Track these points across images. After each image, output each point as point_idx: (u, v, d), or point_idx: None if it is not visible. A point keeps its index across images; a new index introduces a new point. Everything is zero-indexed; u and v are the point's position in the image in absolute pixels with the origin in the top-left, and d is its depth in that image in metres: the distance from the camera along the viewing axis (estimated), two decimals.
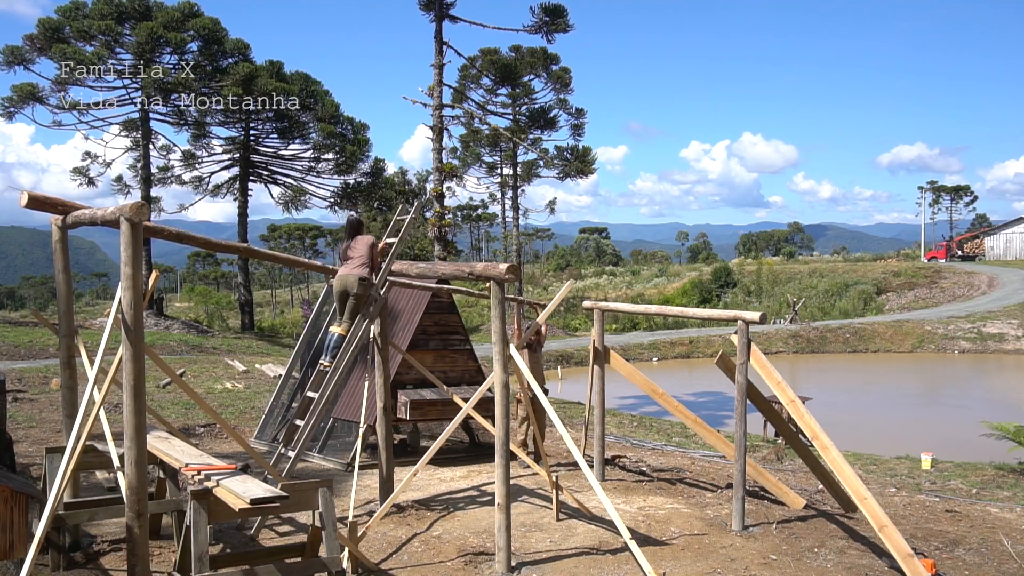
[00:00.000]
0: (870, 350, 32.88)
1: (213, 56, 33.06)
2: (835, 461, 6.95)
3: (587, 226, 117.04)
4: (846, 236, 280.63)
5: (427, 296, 10.55)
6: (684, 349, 32.23)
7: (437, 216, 20.47)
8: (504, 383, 6.32)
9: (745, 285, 50.07)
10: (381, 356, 7.88)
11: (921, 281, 46.88)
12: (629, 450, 11.85)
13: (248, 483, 5.17)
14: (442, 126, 20.60)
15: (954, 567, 6.62)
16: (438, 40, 20.54)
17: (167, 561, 6.29)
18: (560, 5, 22.82)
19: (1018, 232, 61.42)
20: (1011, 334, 32.43)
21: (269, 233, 76.61)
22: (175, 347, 24.64)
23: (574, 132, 41.23)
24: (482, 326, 38.14)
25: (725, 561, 6.57)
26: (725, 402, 19.33)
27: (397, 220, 8.22)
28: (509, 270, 6.19)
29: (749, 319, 7.59)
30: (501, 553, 6.24)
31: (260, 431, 11.55)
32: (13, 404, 13.17)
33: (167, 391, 15.56)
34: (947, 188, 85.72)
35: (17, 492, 5.49)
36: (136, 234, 5.09)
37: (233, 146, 36.23)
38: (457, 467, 10.04)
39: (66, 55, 29.15)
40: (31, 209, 5.96)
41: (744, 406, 7.69)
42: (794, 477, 10.17)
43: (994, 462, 11.68)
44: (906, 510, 8.58)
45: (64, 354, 6.49)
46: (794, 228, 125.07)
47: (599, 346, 9.33)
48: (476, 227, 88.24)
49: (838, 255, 77.46)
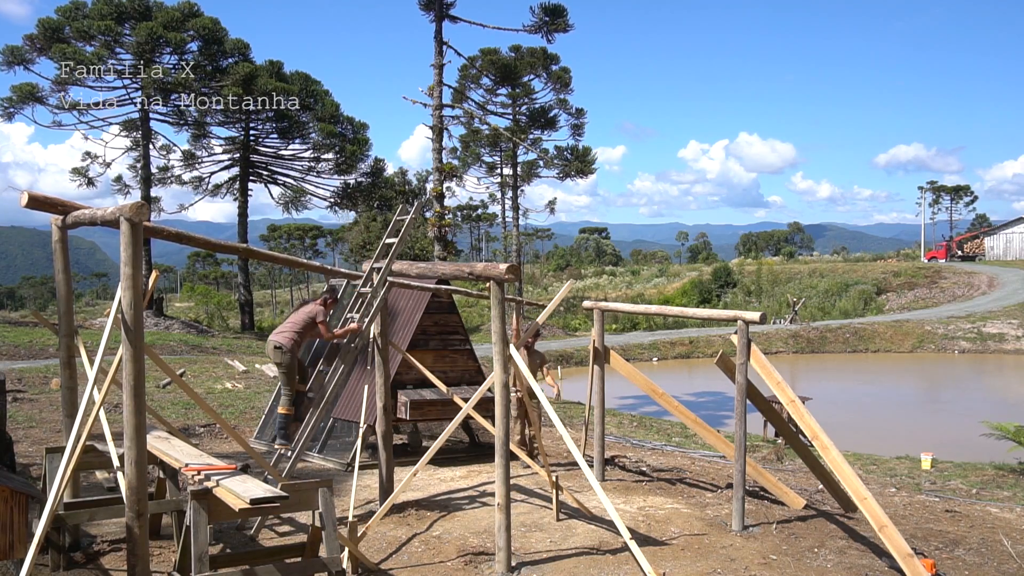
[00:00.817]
0: (870, 350, 32.88)
1: (213, 56, 33.06)
2: (835, 461, 6.95)
3: (587, 226, 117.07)
4: (846, 236, 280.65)
5: (427, 296, 10.55)
6: (684, 349, 32.23)
7: (437, 216, 20.47)
8: (504, 383, 6.32)
9: (745, 285, 50.07)
10: (381, 356, 7.88)
11: (921, 281, 46.89)
12: (629, 450, 11.85)
13: (248, 483, 5.17)
14: (442, 126, 20.60)
15: (954, 567, 6.62)
16: (438, 40, 20.55)
17: (167, 561, 6.29)
18: (560, 5, 22.84)
19: (1018, 232, 61.42)
20: (1011, 334, 32.44)
21: (269, 233, 76.61)
22: (175, 347, 24.64)
23: (574, 132, 41.24)
24: (482, 326, 38.14)
25: (725, 561, 6.57)
26: (725, 402, 19.32)
27: (397, 220, 8.23)
28: (509, 270, 6.19)
29: (749, 319, 7.59)
30: (501, 553, 6.24)
31: (260, 431, 11.55)
32: (13, 404, 13.16)
33: (167, 391, 15.56)
34: (947, 188, 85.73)
35: (17, 492, 5.48)
36: (136, 234, 5.09)
37: (233, 146, 36.22)
38: (457, 467, 10.04)
39: (66, 55, 29.16)
40: (31, 209, 5.96)
41: (744, 406, 7.69)
42: (794, 477, 10.17)
43: (994, 462, 11.69)
44: (906, 510, 8.58)
45: (64, 354, 6.49)
46: (794, 228, 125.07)
47: (599, 346, 9.33)
48: (476, 227, 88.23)
49: (838, 255, 77.48)
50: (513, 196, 42.66)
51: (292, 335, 7.81)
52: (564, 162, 41.85)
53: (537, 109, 40.46)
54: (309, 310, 7.96)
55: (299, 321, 7.88)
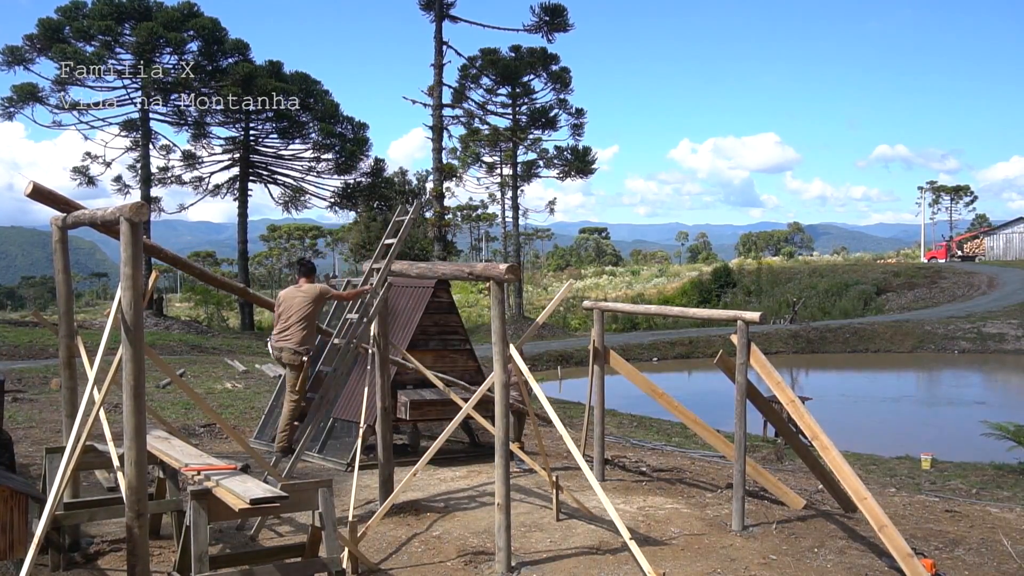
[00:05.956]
0: (870, 350, 32.87)
1: (213, 56, 33.07)
2: (835, 461, 6.95)
3: (587, 226, 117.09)
4: (845, 236, 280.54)
5: (427, 296, 10.55)
6: (684, 349, 32.22)
7: (437, 216, 20.49)
8: (504, 383, 6.32)
9: (745, 285, 50.04)
10: (381, 356, 7.88)
11: (921, 281, 46.86)
12: (629, 450, 11.85)
13: (248, 483, 5.17)
14: (442, 126, 20.64)
15: (954, 567, 6.62)
16: (438, 40, 20.58)
17: (167, 561, 6.28)
18: (560, 5, 22.88)
19: (1018, 232, 61.41)
20: (1011, 334, 32.42)
21: (269, 233, 76.63)
22: (175, 347, 24.64)
23: (574, 132, 41.28)
24: (482, 326, 38.14)
25: (725, 561, 6.57)
26: (725, 402, 19.28)
27: (396, 220, 8.23)
28: (509, 270, 6.19)
29: (749, 319, 7.59)
30: (501, 553, 6.24)
31: (260, 431, 11.55)
32: (13, 404, 13.16)
33: (167, 391, 15.56)
34: (947, 188, 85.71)
35: (17, 492, 5.49)
36: (136, 234, 5.09)
37: (233, 146, 36.21)
38: (457, 467, 10.04)
39: (66, 55, 29.16)
40: (33, 199, 5.96)
41: (744, 406, 7.69)
42: (794, 477, 10.17)
43: (994, 462, 11.69)
44: (906, 510, 8.58)
45: (64, 354, 6.49)
46: (794, 228, 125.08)
47: (599, 346, 9.33)
48: (476, 227, 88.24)
49: (838, 255, 77.47)
50: (513, 196, 42.67)
51: (301, 334, 7.69)
52: (564, 162, 41.87)
53: (537, 109, 40.48)
54: (307, 295, 7.83)
55: (302, 310, 7.74)
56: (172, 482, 6.52)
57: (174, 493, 6.52)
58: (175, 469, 6.00)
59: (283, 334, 7.79)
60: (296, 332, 7.72)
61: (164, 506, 6.49)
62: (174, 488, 6.52)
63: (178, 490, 6.49)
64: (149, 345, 5.60)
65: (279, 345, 7.76)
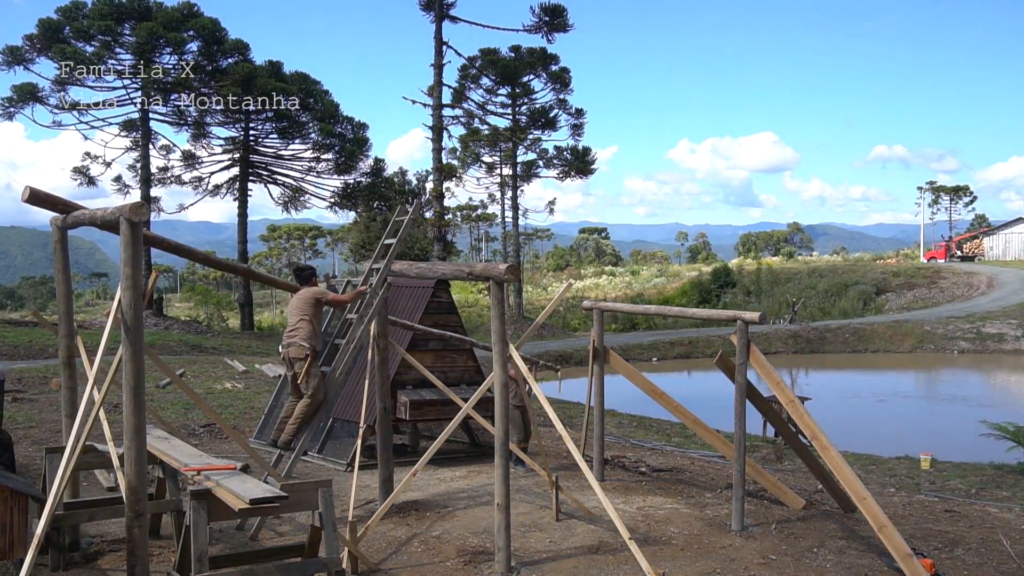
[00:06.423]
0: (870, 350, 32.88)
1: (213, 56, 33.05)
2: (834, 461, 6.95)
3: (586, 226, 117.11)
4: (845, 236, 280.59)
5: (427, 297, 10.55)
6: (684, 349, 32.23)
7: (436, 216, 20.49)
8: (504, 383, 6.32)
9: (745, 285, 50.04)
10: (381, 356, 7.88)
11: (920, 281, 46.86)
12: (629, 450, 11.86)
13: (248, 483, 5.18)
14: (442, 126, 20.63)
15: (953, 567, 6.63)
16: (438, 40, 20.58)
17: (167, 561, 6.29)
18: (560, 5, 22.88)
19: (1017, 232, 61.42)
20: (1010, 334, 32.42)
21: (269, 233, 76.62)
22: (175, 347, 24.64)
23: (573, 132, 41.27)
24: (481, 326, 38.14)
25: (725, 561, 6.57)
26: (725, 402, 19.29)
27: (396, 220, 8.23)
28: (508, 270, 6.19)
29: (748, 319, 7.59)
30: (501, 553, 6.25)
31: (260, 431, 11.55)
32: (13, 404, 13.16)
33: (167, 391, 15.56)
34: (946, 188, 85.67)
35: (17, 492, 5.49)
36: (136, 234, 5.10)
37: (233, 146, 36.20)
38: (457, 467, 10.04)
39: (66, 55, 29.15)
40: (31, 204, 5.96)
41: (743, 406, 7.69)
42: (794, 477, 10.18)
43: (993, 462, 11.69)
44: (905, 510, 8.59)
45: (64, 354, 6.49)
46: (793, 228, 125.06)
47: (599, 346, 9.34)
48: (476, 227, 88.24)
49: (837, 255, 77.46)
50: (512, 196, 42.67)
51: (310, 322, 7.73)
52: (564, 162, 41.87)
53: (537, 109, 40.47)
54: (303, 298, 7.87)
55: (304, 310, 7.78)
56: (172, 482, 6.52)
57: (174, 493, 6.52)
58: (175, 469, 6.01)
59: (290, 333, 7.88)
60: (301, 328, 7.78)
61: (164, 506, 6.49)
62: (174, 488, 6.53)
63: (178, 490, 6.49)
64: (149, 345, 5.61)
65: (287, 342, 7.83)
